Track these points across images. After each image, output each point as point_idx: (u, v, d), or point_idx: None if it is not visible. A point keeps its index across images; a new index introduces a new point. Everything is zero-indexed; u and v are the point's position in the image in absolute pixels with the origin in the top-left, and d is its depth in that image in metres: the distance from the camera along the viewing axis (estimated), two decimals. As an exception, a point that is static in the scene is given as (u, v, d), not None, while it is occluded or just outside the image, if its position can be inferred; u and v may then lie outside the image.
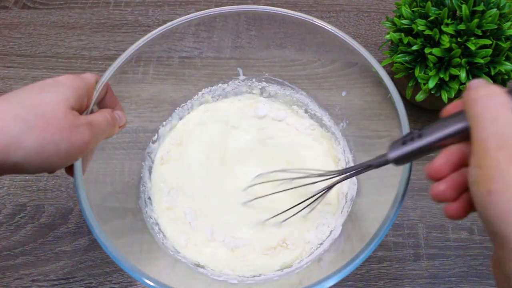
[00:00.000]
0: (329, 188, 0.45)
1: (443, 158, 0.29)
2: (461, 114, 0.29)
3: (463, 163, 0.29)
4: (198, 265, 0.51)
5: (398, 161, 0.34)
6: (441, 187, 0.29)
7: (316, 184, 0.47)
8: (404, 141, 0.33)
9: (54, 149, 0.34)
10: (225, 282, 0.49)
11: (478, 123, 0.26)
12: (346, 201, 0.54)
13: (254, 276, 0.50)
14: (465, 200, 0.29)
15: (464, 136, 0.29)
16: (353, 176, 0.42)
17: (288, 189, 0.50)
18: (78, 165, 0.41)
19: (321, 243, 0.52)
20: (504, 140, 0.25)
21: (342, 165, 0.58)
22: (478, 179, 0.25)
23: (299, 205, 0.49)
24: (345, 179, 0.42)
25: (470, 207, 0.29)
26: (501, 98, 0.26)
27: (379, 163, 0.37)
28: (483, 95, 0.27)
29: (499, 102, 0.26)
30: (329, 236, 0.52)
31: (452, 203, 0.29)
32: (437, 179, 0.30)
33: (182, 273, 0.50)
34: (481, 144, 0.26)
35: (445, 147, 0.30)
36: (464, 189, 0.29)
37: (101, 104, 0.45)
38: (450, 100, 0.55)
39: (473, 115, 0.27)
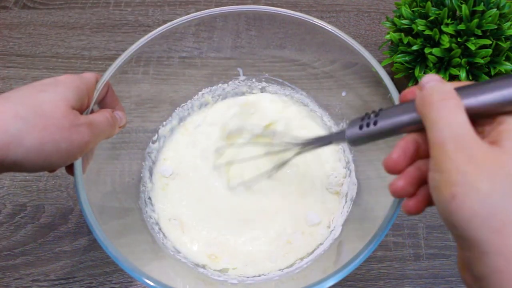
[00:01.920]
0: (292, 157, 0.46)
1: (399, 151, 0.30)
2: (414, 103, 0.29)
3: (418, 155, 0.30)
4: (198, 265, 0.51)
5: (353, 142, 0.34)
6: (400, 183, 0.29)
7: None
8: (360, 125, 0.33)
9: (54, 148, 0.34)
10: (225, 282, 0.49)
11: (434, 127, 0.26)
12: (346, 201, 0.54)
13: (254, 276, 0.50)
14: (423, 195, 0.29)
15: (418, 126, 0.29)
16: (315, 149, 0.42)
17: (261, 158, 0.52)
18: (78, 164, 0.41)
19: (321, 243, 0.52)
20: (461, 142, 0.25)
21: (342, 163, 0.58)
22: (439, 184, 0.25)
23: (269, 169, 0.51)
24: (307, 151, 0.43)
25: (427, 202, 0.29)
26: (454, 101, 0.26)
27: (338, 139, 0.38)
28: (438, 99, 0.27)
29: (453, 105, 0.26)
30: (329, 236, 0.52)
31: (410, 199, 0.30)
32: (395, 172, 0.30)
33: (182, 273, 0.50)
34: (440, 147, 0.25)
35: (400, 133, 0.31)
36: (420, 184, 0.29)
37: (102, 103, 0.45)
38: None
39: (428, 119, 0.27)
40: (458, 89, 0.28)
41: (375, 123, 0.32)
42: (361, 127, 0.33)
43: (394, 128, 0.31)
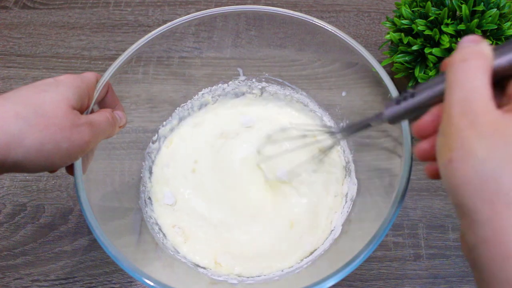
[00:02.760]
0: (331, 146, 0.46)
1: (431, 116, 0.29)
2: None
3: None
4: (198, 265, 0.51)
5: (393, 119, 0.34)
6: (424, 145, 0.29)
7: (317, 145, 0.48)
8: (398, 100, 0.33)
9: (55, 148, 0.34)
10: (225, 282, 0.49)
11: (448, 88, 0.26)
12: (346, 201, 0.54)
13: (254, 276, 0.50)
14: None
15: None
16: (354, 133, 0.42)
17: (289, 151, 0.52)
18: (78, 164, 0.41)
19: (321, 243, 0.52)
20: (468, 106, 0.24)
21: (342, 163, 0.58)
22: (441, 147, 0.25)
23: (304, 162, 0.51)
24: (346, 137, 0.43)
25: None
26: (475, 63, 0.25)
27: (376, 121, 0.37)
28: (459, 59, 0.26)
29: (473, 67, 0.25)
30: (329, 236, 0.52)
31: (434, 162, 0.29)
32: (424, 136, 0.29)
33: (182, 273, 0.50)
34: (447, 110, 0.25)
35: (437, 104, 0.30)
36: None
37: (102, 103, 0.45)
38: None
39: (447, 79, 0.26)
40: (496, 48, 0.27)
41: (412, 95, 0.31)
42: (398, 102, 0.33)
43: (433, 97, 0.30)
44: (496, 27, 0.51)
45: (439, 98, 0.29)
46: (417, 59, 0.55)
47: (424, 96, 0.31)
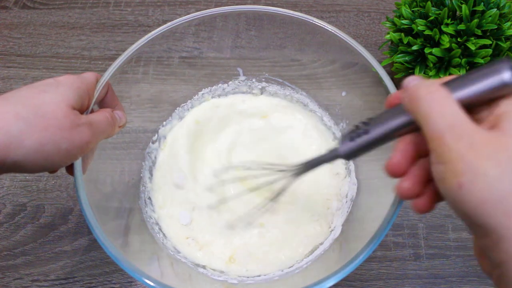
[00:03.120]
0: (287, 185, 0.45)
1: (400, 153, 0.29)
2: (402, 107, 0.29)
3: (419, 154, 0.29)
4: (198, 265, 0.51)
5: (349, 156, 0.34)
6: (405, 184, 0.29)
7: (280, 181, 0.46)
8: (351, 137, 0.33)
9: (54, 149, 0.34)
10: (225, 282, 0.49)
11: (428, 121, 0.26)
12: (346, 201, 0.54)
13: (254, 276, 0.50)
14: (431, 192, 0.29)
15: (410, 128, 0.29)
16: (309, 171, 0.41)
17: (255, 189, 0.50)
18: (78, 164, 0.41)
19: (321, 243, 0.52)
20: (459, 130, 0.24)
21: (341, 162, 0.58)
22: (444, 175, 0.25)
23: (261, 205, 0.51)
24: (299, 175, 0.41)
25: (437, 198, 0.29)
26: (443, 93, 0.26)
27: (331, 157, 0.37)
28: (425, 93, 0.26)
29: (442, 96, 0.26)
30: (329, 236, 0.52)
31: (419, 198, 0.29)
32: (398, 175, 0.30)
33: (182, 273, 0.50)
34: (438, 139, 0.25)
35: (393, 139, 0.30)
36: (426, 182, 0.29)
37: (102, 103, 0.45)
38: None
39: (420, 113, 0.26)
40: (445, 84, 0.28)
41: (366, 132, 0.32)
42: (352, 139, 0.33)
43: (387, 134, 0.31)
44: (496, 27, 0.52)
45: (394, 133, 0.30)
46: (417, 59, 0.55)
47: (378, 132, 0.31)
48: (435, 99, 0.26)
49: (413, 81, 0.29)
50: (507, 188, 0.23)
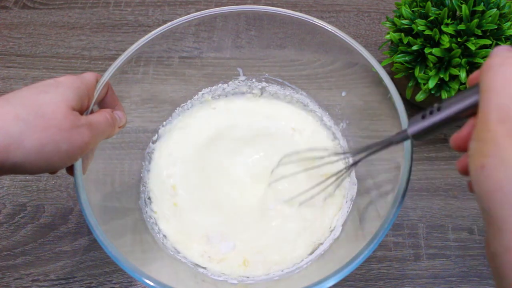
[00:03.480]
0: (349, 167, 0.44)
1: (469, 128, 0.28)
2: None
3: None
4: (198, 265, 0.51)
5: (418, 136, 0.33)
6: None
7: (331, 165, 0.46)
8: (423, 115, 0.32)
9: (54, 149, 0.34)
10: (225, 282, 0.49)
11: (485, 94, 0.25)
12: (346, 201, 0.54)
13: (254, 276, 0.50)
14: None
15: None
16: (374, 154, 0.40)
17: (301, 171, 0.50)
18: (78, 165, 0.41)
19: (321, 243, 0.52)
20: (505, 114, 0.24)
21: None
22: (474, 152, 0.25)
23: (318, 186, 0.49)
24: (365, 158, 0.41)
25: None
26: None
27: (400, 138, 0.36)
28: (497, 63, 0.25)
29: (510, 73, 0.25)
30: (329, 236, 0.52)
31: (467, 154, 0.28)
32: (463, 149, 0.29)
33: (182, 273, 0.50)
34: (484, 116, 0.24)
35: (467, 118, 0.29)
36: None
37: (102, 103, 0.45)
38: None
39: (483, 84, 0.26)
40: None
41: (439, 109, 0.31)
42: (424, 117, 0.32)
43: (459, 112, 0.29)
44: (496, 27, 0.51)
45: (468, 113, 0.29)
46: (417, 59, 0.55)
47: (452, 110, 0.30)
48: (503, 72, 0.25)
49: (499, 50, 0.27)
50: None
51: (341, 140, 0.59)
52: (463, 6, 0.52)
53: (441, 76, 0.52)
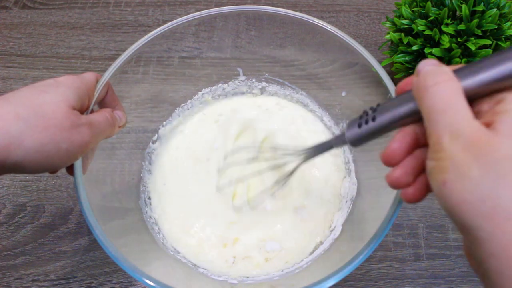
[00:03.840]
0: (295, 168, 0.45)
1: (397, 142, 0.29)
2: (411, 94, 0.28)
3: (417, 144, 0.29)
4: (198, 265, 0.51)
5: (354, 142, 0.34)
6: (396, 173, 0.29)
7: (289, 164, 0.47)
8: (359, 123, 0.33)
9: (54, 149, 0.34)
10: (225, 282, 0.49)
11: (429, 115, 0.26)
12: (346, 201, 0.54)
13: (254, 276, 0.50)
14: (422, 183, 0.29)
15: (417, 116, 0.28)
16: (317, 155, 0.41)
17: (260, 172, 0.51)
18: (78, 165, 0.41)
19: (321, 243, 0.52)
20: (456, 131, 0.24)
21: (341, 162, 0.58)
22: (433, 170, 0.25)
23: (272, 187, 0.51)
24: (307, 160, 0.42)
25: (426, 190, 0.29)
26: (450, 85, 0.26)
27: (338, 142, 0.37)
28: (432, 84, 0.26)
29: (448, 90, 0.26)
30: (329, 236, 0.52)
31: (409, 188, 0.29)
32: (392, 164, 0.29)
33: (182, 273, 0.50)
34: (436, 137, 0.25)
35: (401, 126, 0.30)
36: (419, 172, 0.29)
37: (102, 103, 0.45)
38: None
39: (424, 106, 0.26)
40: (455, 71, 0.27)
41: (373, 119, 0.31)
42: (360, 125, 0.33)
43: (393, 121, 0.30)
44: (496, 27, 0.52)
45: (401, 121, 0.30)
46: (417, 59, 0.55)
47: (386, 119, 0.30)
48: (440, 92, 0.26)
49: (426, 67, 0.28)
50: (487, 191, 0.23)
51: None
52: (463, 6, 0.52)
53: (441, 76, 0.52)
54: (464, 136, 0.24)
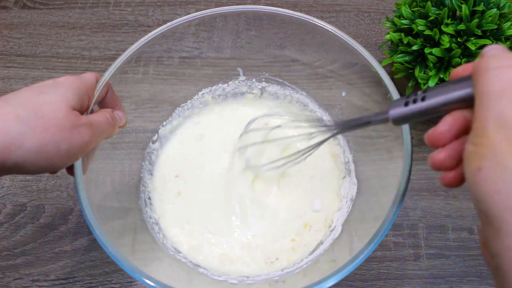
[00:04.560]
0: (324, 141, 0.44)
1: (446, 125, 0.28)
2: (468, 79, 0.27)
3: (465, 130, 0.28)
4: (198, 265, 0.51)
5: (398, 121, 0.33)
6: (441, 155, 0.28)
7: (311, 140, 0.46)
8: (406, 101, 0.31)
9: (55, 149, 0.34)
10: (225, 282, 0.49)
11: (482, 99, 0.25)
12: (346, 201, 0.54)
13: (254, 276, 0.50)
14: (462, 169, 0.28)
15: (469, 102, 0.27)
16: (351, 130, 0.40)
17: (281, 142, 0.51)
18: (78, 165, 0.41)
19: (321, 243, 0.52)
20: (504, 120, 0.24)
21: (341, 162, 0.58)
22: (470, 155, 0.25)
23: (294, 156, 0.49)
24: (342, 133, 0.40)
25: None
26: (510, 72, 0.25)
27: (379, 120, 0.35)
28: (493, 67, 0.25)
29: (508, 78, 0.24)
30: (329, 236, 0.52)
31: (449, 172, 0.29)
32: (437, 146, 0.29)
33: (182, 273, 0.50)
34: (481, 122, 0.24)
35: (448, 112, 0.29)
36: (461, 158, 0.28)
37: (102, 103, 0.45)
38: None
39: (479, 88, 0.25)
40: None
41: (423, 99, 0.30)
42: (406, 104, 0.31)
43: (443, 104, 0.29)
44: (496, 27, 0.51)
45: (451, 106, 0.29)
46: (417, 59, 0.55)
47: (436, 101, 0.29)
48: (499, 76, 0.25)
49: (492, 50, 0.27)
50: None
51: (341, 140, 0.59)
52: (463, 6, 0.52)
53: (441, 76, 0.52)
54: (510, 129, 0.23)
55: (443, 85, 0.30)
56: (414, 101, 0.31)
